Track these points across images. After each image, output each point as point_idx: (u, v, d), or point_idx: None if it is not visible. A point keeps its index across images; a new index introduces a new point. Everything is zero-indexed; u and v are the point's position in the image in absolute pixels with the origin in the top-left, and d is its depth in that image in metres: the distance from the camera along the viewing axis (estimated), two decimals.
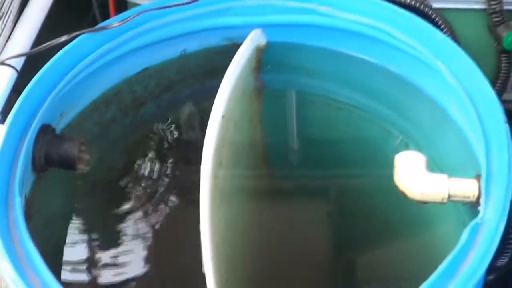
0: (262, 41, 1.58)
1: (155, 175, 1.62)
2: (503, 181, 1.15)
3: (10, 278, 1.09)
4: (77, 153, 1.35)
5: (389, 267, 1.54)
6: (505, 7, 1.67)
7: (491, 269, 1.17)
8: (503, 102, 1.35)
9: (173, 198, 1.61)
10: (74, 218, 1.52)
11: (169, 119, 1.68)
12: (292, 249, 1.57)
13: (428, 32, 1.45)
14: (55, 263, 1.43)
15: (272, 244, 1.55)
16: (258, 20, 1.58)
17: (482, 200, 1.15)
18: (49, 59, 1.42)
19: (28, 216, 1.25)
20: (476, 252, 1.07)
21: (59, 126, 1.44)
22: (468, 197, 1.21)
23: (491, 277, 1.53)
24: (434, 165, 1.32)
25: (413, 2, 1.63)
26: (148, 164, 1.63)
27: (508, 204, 1.13)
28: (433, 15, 1.63)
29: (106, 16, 1.80)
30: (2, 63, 1.46)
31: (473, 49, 1.48)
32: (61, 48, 1.44)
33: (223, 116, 1.37)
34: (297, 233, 1.60)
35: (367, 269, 1.58)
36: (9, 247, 1.13)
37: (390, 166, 1.28)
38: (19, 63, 1.48)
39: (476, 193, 1.19)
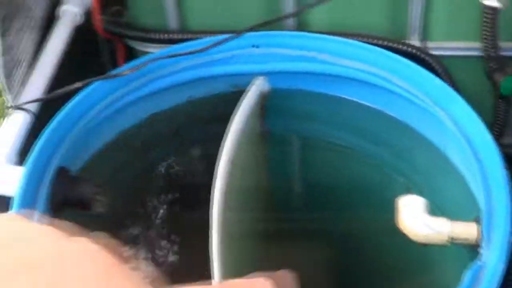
0: (266, 88, 1.64)
1: (162, 219, 1.65)
2: (502, 223, 1.20)
3: None
4: (93, 194, 1.40)
5: None
6: (502, 53, 1.70)
7: None
8: (503, 146, 1.40)
9: (183, 239, 1.64)
10: None
11: (177, 163, 1.72)
12: None
13: (426, 78, 1.50)
14: None
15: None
16: (262, 68, 1.64)
17: (482, 243, 1.20)
18: (64, 102, 1.48)
19: None
20: None
21: (73, 168, 1.49)
22: (469, 240, 1.26)
23: None
24: (436, 208, 1.37)
25: (413, 50, 1.68)
26: (157, 207, 1.66)
27: (508, 246, 1.17)
28: (432, 62, 1.68)
29: (114, 63, 1.86)
30: (19, 108, 1.52)
31: (472, 95, 1.55)
32: (74, 93, 1.50)
33: (230, 160, 1.42)
34: (303, 274, 1.62)
35: None
36: None
37: (392, 209, 1.33)
38: (36, 107, 1.55)
39: (476, 236, 1.24)
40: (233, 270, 1.33)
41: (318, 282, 1.61)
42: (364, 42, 1.63)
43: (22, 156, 1.40)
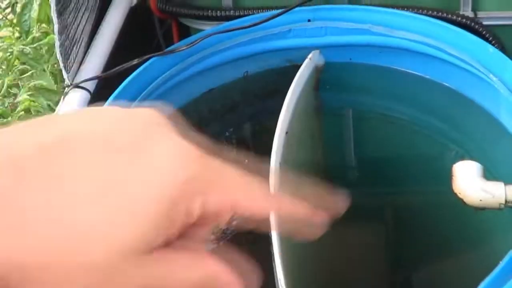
0: (321, 61, 1.66)
1: None
2: None
3: None
4: None
5: (449, 282, 1.57)
6: None
7: None
8: None
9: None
10: None
11: (234, 138, 1.75)
12: (351, 265, 1.60)
13: (479, 46, 1.51)
14: None
15: (337, 265, 1.58)
16: (316, 41, 1.66)
17: None
18: (119, 81, 1.51)
19: None
20: None
21: None
22: None
23: None
24: (490, 175, 1.38)
25: (465, 20, 1.68)
26: None
27: None
28: (484, 32, 1.68)
29: (170, 42, 1.89)
30: (77, 86, 1.56)
31: None
32: (131, 72, 1.53)
33: (286, 133, 1.44)
34: (356, 249, 1.63)
35: (426, 285, 1.61)
36: None
37: (446, 179, 1.33)
38: (92, 85, 1.58)
39: None
40: (289, 245, 1.35)
41: (372, 256, 1.62)
42: (418, 13, 1.65)
43: None
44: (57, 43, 1.52)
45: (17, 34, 2.51)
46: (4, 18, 2.76)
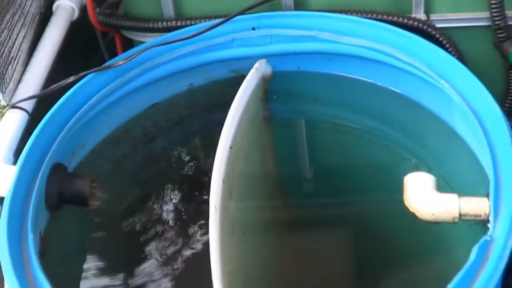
0: (268, 71, 1.60)
1: (168, 209, 1.62)
2: (511, 196, 1.15)
3: None
4: (89, 189, 1.38)
5: None
6: (510, 23, 1.65)
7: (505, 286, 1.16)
8: None
9: (187, 230, 1.61)
10: (90, 252, 1.53)
11: (180, 153, 1.69)
12: (309, 278, 1.56)
13: (430, 51, 1.46)
14: None
15: (289, 274, 1.54)
16: (262, 50, 1.60)
17: (491, 217, 1.15)
18: (59, 100, 1.45)
19: (43, 252, 1.27)
20: (485, 269, 1.06)
21: (71, 164, 1.46)
22: (480, 216, 1.20)
23: None
24: (445, 185, 1.33)
25: (415, 23, 1.63)
26: (162, 198, 1.63)
27: None
28: (437, 35, 1.63)
29: (114, 55, 1.82)
30: (14, 106, 1.49)
31: (481, 67, 1.51)
32: (70, 88, 1.47)
33: (231, 147, 1.38)
34: (314, 261, 1.59)
35: None
36: (22, 281, 1.14)
37: (401, 189, 1.28)
38: (30, 105, 1.51)
39: (487, 211, 1.18)
40: (236, 263, 1.30)
41: (330, 266, 1.58)
42: (365, 18, 1.59)
43: (18, 156, 1.36)
44: None
45: None
46: None
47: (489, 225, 1.14)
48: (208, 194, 1.30)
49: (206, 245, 1.25)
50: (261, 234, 1.55)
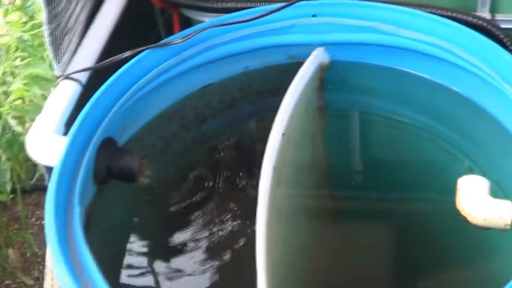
0: (325, 59, 1.57)
1: (214, 191, 1.61)
2: None
3: (65, 282, 1.10)
4: (138, 166, 1.37)
5: None
6: None
7: None
8: None
9: (232, 214, 1.61)
10: (133, 229, 1.53)
11: (230, 136, 1.68)
12: (351, 271, 1.55)
13: (494, 52, 1.42)
14: (113, 271, 1.44)
15: (331, 266, 1.53)
16: (321, 38, 1.57)
17: None
18: (112, 73, 1.44)
19: (88, 225, 1.27)
20: None
21: (121, 139, 1.46)
22: None
23: None
24: (499, 190, 1.30)
25: (480, 22, 1.59)
26: (209, 180, 1.63)
27: None
28: (501, 35, 1.59)
29: (170, 33, 1.81)
30: (67, 77, 1.48)
31: None
32: (125, 63, 1.46)
33: (283, 134, 1.36)
34: (357, 255, 1.57)
35: None
36: (66, 253, 1.14)
37: (453, 190, 1.26)
38: (84, 77, 1.50)
39: None
40: (280, 252, 1.29)
41: (373, 261, 1.56)
42: (430, 13, 1.55)
43: (69, 127, 1.36)
44: (46, 33, 1.45)
45: (24, 19, 2.43)
46: (12, 3, 2.68)
47: None
48: (256, 180, 1.29)
49: (251, 231, 1.24)
50: (306, 224, 1.53)
